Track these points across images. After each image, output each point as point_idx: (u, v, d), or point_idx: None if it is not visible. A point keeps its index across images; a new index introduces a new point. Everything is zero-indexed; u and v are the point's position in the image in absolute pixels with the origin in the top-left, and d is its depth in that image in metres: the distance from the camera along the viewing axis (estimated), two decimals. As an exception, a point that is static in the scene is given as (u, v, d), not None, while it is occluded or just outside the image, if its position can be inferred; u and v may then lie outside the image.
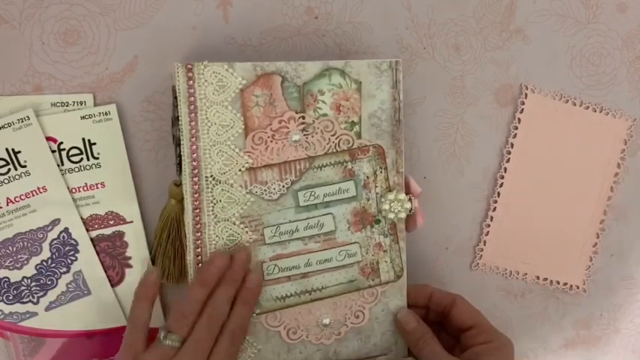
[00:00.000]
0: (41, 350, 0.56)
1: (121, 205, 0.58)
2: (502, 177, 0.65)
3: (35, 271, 0.56)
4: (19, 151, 0.55)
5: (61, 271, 0.56)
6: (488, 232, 0.66)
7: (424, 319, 0.58)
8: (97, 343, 0.58)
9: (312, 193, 0.56)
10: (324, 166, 0.56)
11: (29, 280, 0.55)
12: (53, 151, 0.56)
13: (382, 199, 0.56)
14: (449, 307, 0.57)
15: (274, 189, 0.55)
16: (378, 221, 0.57)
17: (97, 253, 0.57)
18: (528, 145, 0.65)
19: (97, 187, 0.57)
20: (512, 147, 0.65)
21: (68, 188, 0.56)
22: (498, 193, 0.65)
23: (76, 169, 0.56)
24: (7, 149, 0.55)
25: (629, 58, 0.66)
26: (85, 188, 0.57)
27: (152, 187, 0.58)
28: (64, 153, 0.56)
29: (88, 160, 0.57)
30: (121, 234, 0.58)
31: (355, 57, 0.61)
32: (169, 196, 0.57)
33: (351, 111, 0.56)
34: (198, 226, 0.54)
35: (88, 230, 0.57)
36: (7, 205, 0.55)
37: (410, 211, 0.56)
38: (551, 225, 0.66)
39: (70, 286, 0.56)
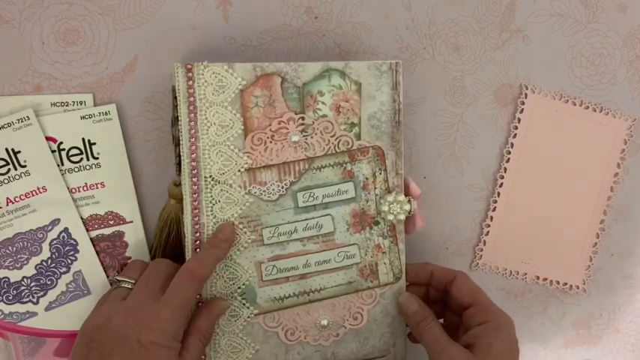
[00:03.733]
0: (41, 350, 0.56)
1: (121, 205, 0.58)
2: (502, 177, 0.65)
3: (35, 271, 0.56)
4: (19, 151, 0.55)
5: (61, 271, 0.56)
6: (488, 232, 0.66)
7: (425, 299, 0.57)
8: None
9: (311, 194, 0.56)
10: (324, 167, 0.55)
11: (29, 280, 0.56)
12: (53, 151, 0.56)
13: (381, 201, 0.56)
14: (450, 284, 0.56)
15: (273, 190, 0.55)
16: (377, 223, 0.57)
17: (97, 253, 0.57)
18: (528, 145, 0.65)
19: (97, 187, 0.57)
20: (512, 147, 0.65)
21: (68, 188, 0.56)
22: (498, 193, 0.65)
23: (76, 169, 0.56)
24: (7, 149, 0.55)
25: (629, 58, 0.66)
26: (85, 188, 0.57)
27: (152, 187, 0.59)
28: (63, 153, 0.56)
29: (88, 160, 0.57)
30: (120, 234, 0.58)
31: (355, 57, 0.61)
32: (169, 196, 0.57)
33: (350, 112, 0.55)
34: (197, 226, 0.54)
35: (87, 230, 0.57)
36: (7, 205, 0.55)
37: (409, 213, 0.56)
38: (551, 225, 0.66)
39: (69, 286, 0.56)
